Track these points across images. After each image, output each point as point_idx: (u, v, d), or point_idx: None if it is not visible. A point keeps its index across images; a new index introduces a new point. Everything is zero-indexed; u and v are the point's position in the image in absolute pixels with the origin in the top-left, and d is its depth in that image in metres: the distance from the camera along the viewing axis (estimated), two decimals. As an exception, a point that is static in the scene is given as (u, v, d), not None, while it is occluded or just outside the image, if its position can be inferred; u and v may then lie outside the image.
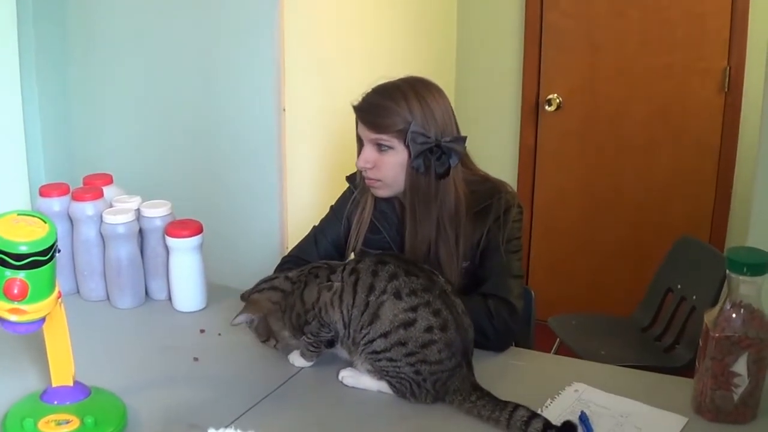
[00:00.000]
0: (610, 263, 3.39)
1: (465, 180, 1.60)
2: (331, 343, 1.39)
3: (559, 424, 1.17)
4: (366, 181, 1.59)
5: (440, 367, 1.28)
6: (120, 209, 1.66)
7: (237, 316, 1.43)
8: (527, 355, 1.53)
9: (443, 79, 3.39)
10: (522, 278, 1.59)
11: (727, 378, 1.24)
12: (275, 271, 1.69)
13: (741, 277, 1.22)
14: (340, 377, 1.38)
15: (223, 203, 2.26)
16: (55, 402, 1.21)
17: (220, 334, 1.58)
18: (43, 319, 1.11)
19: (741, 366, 1.23)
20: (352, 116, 1.58)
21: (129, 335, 1.59)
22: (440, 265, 1.55)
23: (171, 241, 1.63)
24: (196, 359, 1.47)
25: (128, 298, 1.68)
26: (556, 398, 1.33)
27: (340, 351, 1.40)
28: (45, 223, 1.06)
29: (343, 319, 1.34)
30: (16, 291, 1.03)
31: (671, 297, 2.55)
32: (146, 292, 1.72)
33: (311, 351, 1.42)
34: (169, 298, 1.70)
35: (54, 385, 1.23)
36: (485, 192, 1.61)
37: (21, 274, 1.03)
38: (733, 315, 1.24)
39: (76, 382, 1.24)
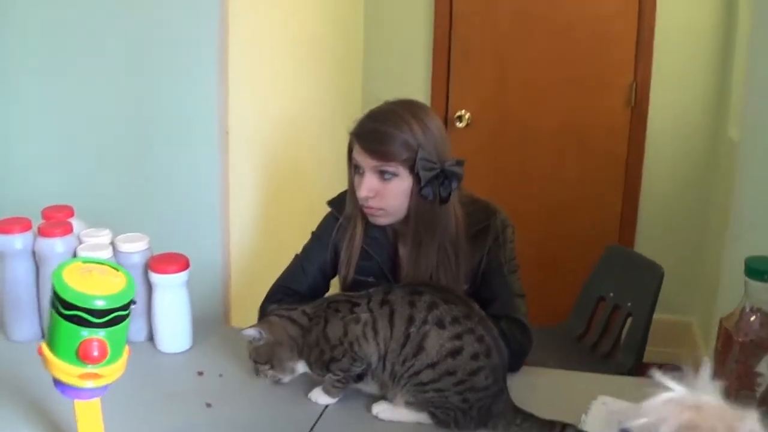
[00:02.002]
0: (525, 275, 3.53)
1: (460, 201, 1.63)
2: (360, 377, 1.37)
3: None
4: (366, 210, 1.58)
5: (486, 393, 1.30)
6: (94, 245, 1.55)
7: (249, 328, 1.39)
8: (541, 373, 1.57)
9: (351, 98, 3.42)
10: (525, 297, 1.64)
11: (751, 378, 1.35)
12: (264, 304, 1.65)
13: (760, 284, 1.33)
14: (374, 412, 1.37)
15: (163, 228, 2.15)
16: None
17: (221, 375, 1.51)
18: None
19: (763, 366, 1.34)
20: (290, 136, 1.57)
21: (124, 383, 1.44)
22: None
23: (157, 278, 1.54)
24: (209, 405, 1.40)
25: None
26: (588, 413, 1.39)
27: (367, 385, 1.39)
28: (118, 271, 0.97)
29: (379, 352, 1.33)
30: (96, 353, 0.92)
31: (603, 305, 2.69)
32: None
33: (337, 387, 1.39)
34: (150, 339, 1.61)
35: None
36: (479, 213, 1.64)
37: (101, 333, 0.94)
38: (752, 319, 1.35)
39: None
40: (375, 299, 1.36)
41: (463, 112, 3.45)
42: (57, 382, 0.98)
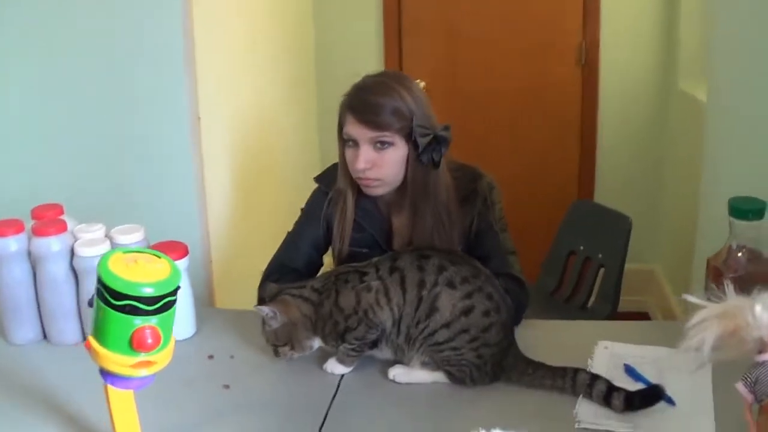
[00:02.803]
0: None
1: (447, 167, 1.68)
2: (374, 344, 1.41)
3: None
4: (363, 182, 1.61)
5: (498, 348, 1.36)
6: (91, 240, 1.54)
7: (262, 306, 1.41)
8: (539, 325, 1.63)
9: (304, 72, 3.43)
10: (517, 254, 1.70)
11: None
12: (261, 283, 1.67)
13: (745, 222, 1.42)
14: (390, 376, 1.41)
15: (142, 217, 2.14)
16: None
17: (232, 357, 1.54)
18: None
19: (753, 300, 1.43)
20: (257, 120, 1.59)
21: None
22: None
23: (158, 267, 1.54)
24: (227, 387, 1.42)
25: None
26: (592, 358, 1.46)
27: (381, 351, 1.43)
28: (160, 258, 0.98)
29: (393, 317, 1.37)
30: (150, 340, 0.94)
31: (574, 259, 2.78)
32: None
33: (352, 356, 1.43)
34: (154, 329, 1.61)
35: None
36: (466, 177, 1.70)
37: (153, 320, 0.95)
38: (740, 255, 1.43)
39: None
40: (383, 267, 1.39)
41: (418, 81, 3.48)
42: (107, 374, 0.99)
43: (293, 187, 3.24)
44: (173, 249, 1.56)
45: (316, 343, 1.45)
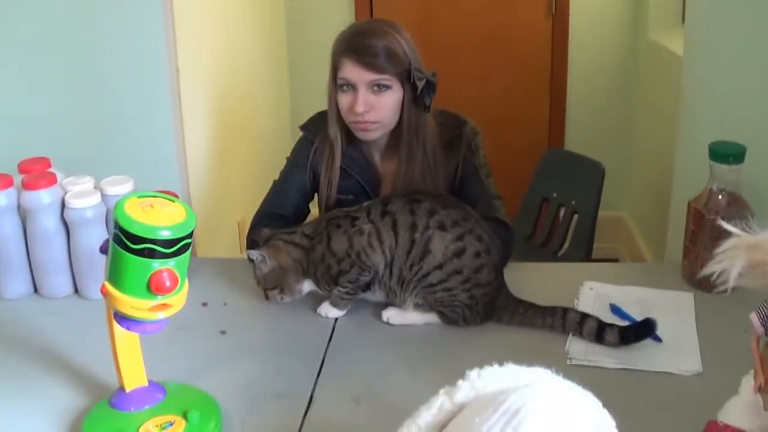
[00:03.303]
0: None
1: (431, 113, 1.70)
2: (367, 287, 1.45)
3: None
4: (360, 125, 1.63)
5: (490, 288, 1.41)
6: (82, 191, 1.54)
7: (253, 251, 1.44)
8: (525, 267, 1.69)
9: (275, 26, 3.41)
10: (502, 199, 1.74)
11: (723, 253, 1.50)
12: (250, 231, 1.69)
13: (725, 166, 1.47)
14: (384, 318, 1.45)
15: (123, 169, 2.14)
16: (132, 408, 1.13)
17: (225, 304, 1.56)
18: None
19: (732, 241, 1.49)
20: (233, 76, 1.58)
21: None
22: None
23: (149, 218, 1.55)
24: (223, 332, 1.45)
25: (105, 287, 1.58)
26: (579, 298, 1.51)
27: (374, 294, 1.47)
28: (173, 202, 1.00)
29: (385, 260, 1.41)
30: (168, 283, 0.95)
31: (547, 206, 2.84)
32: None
33: (345, 299, 1.46)
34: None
35: (128, 388, 1.15)
36: (450, 123, 1.73)
37: (171, 263, 0.96)
38: (720, 197, 1.49)
39: (150, 381, 1.17)
40: (375, 211, 1.42)
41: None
42: (122, 318, 1.01)
43: (267, 140, 3.25)
44: (164, 199, 1.57)
45: (306, 287, 1.48)
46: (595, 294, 1.53)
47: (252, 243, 1.61)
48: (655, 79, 3.18)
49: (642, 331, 1.32)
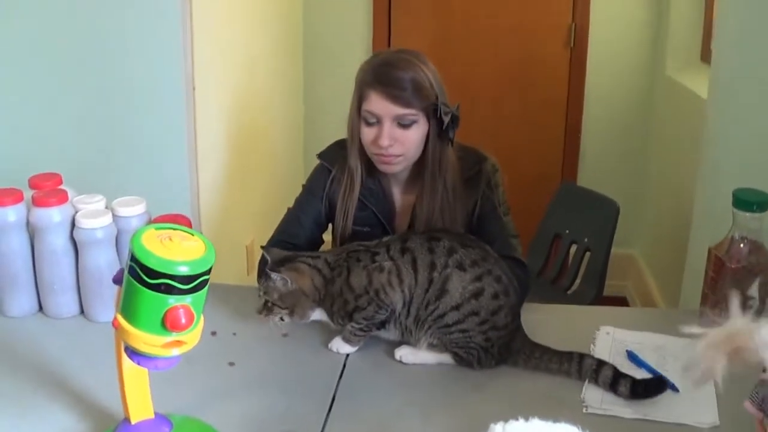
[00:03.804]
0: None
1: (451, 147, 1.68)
2: (382, 325, 1.42)
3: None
4: (383, 158, 1.61)
5: (506, 331, 1.38)
6: (93, 211, 1.52)
7: (275, 273, 1.40)
8: (539, 308, 1.66)
9: (291, 48, 3.41)
10: (519, 237, 1.72)
11: (743, 302, 1.47)
12: (261, 262, 1.66)
13: (748, 214, 1.45)
14: (397, 357, 1.42)
15: (134, 188, 2.13)
16: None
17: (235, 334, 1.53)
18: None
19: (754, 290, 1.47)
20: (250, 93, 1.57)
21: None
22: None
23: (160, 241, 1.52)
24: (231, 364, 1.42)
25: (112, 310, 1.55)
26: (595, 343, 1.48)
27: (388, 332, 1.44)
28: (192, 235, 0.97)
29: (404, 299, 1.38)
30: (184, 320, 0.93)
31: (559, 242, 2.82)
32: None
33: (358, 335, 1.44)
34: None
35: (134, 420, 1.12)
36: (470, 158, 1.71)
37: (187, 300, 0.94)
38: (742, 246, 1.46)
39: (156, 414, 1.15)
40: (394, 247, 1.40)
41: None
42: (133, 353, 0.98)
43: (279, 162, 3.24)
44: (176, 222, 1.53)
45: (316, 314, 1.45)
46: (612, 339, 1.50)
47: (262, 270, 1.58)
48: (672, 117, 3.17)
49: (653, 387, 1.30)
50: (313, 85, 3.57)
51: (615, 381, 1.30)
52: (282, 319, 1.43)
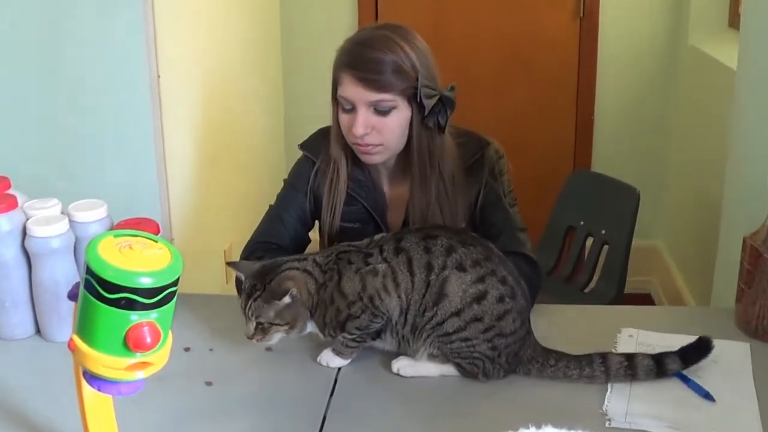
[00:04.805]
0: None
1: (449, 132, 1.67)
2: (377, 335, 1.41)
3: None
4: (361, 149, 1.60)
5: (514, 338, 1.36)
6: (47, 218, 1.50)
7: (283, 289, 1.35)
8: (550, 310, 1.64)
9: (268, 27, 3.39)
10: (527, 231, 1.71)
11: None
12: (238, 281, 1.64)
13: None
14: (395, 369, 1.41)
15: (98, 189, 2.11)
16: None
17: (211, 350, 1.52)
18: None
19: (796, 284, 1.45)
20: (229, 82, 1.56)
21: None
22: None
23: (124, 249, 1.51)
24: (209, 384, 1.40)
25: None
26: (616, 347, 1.47)
27: (384, 342, 1.43)
28: (156, 242, 0.95)
29: (401, 306, 1.37)
30: (149, 339, 0.91)
31: (573, 235, 2.80)
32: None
33: (351, 347, 1.42)
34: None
35: None
36: (471, 144, 1.69)
37: (152, 315, 0.92)
38: (780, 236, 1.45)
39: None
40: (388, 247, 1.38)
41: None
42: (93, 378, 0.96)
43: (259, 157, 3.22)
44: (142, 227, 1.52)
45: (309, 326, 1.43)
46: (636, 342, 1.49)
47: (237, 280, 1.56)
48: (697, 91, 3.15)
49: (703, 348, 1.33)
50: (293, 74, 3.55)
51: (660, 363, 1.32)
52: (272, 339, 1.40)
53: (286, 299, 1.36)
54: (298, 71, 3.54)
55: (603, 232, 2.68)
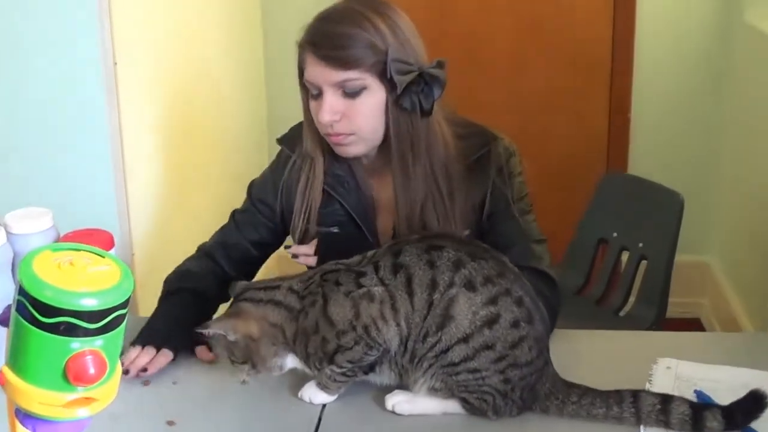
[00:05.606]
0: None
1: (446, 120, 1.68)
2: (371, 368, 1.42)
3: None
4: (333, 139, 1.62)
5: (530, 370, 1.37)
6: (-22, 230, 1.52)
7: (215, 324, 1.41)
8: (574, 336, 1.65)
9: (251, 30, 3.42)
10: (546, 242, 1.71)
11: None
12: (181, 266, 1.79)
13: None
14: (389, 406, 1.42)
15: (47, 198, 2.13)
16: None
17: (175, 383, 1.54)
18: None
19: None
20: (199, 71, 1.58)
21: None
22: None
23: (72, 265, 1.52)
24: (171, 423, 1.42)
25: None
26: (652, 380, 1.48)
27: (379, 375, 1.44)
28: (103, 257, 0.96)
29: (401, 335, 1.37)
30: (93, 370, 0.91)
31: (606, 249, 2.81)
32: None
33: (339, 382, 1.43)
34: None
35: None
36: (476, 137, 1.70)
37: (97, 343, 0.91)
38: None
39: None
40: (384, 264, 1.39)
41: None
42: (27, 417, 0.96)
43: (238, 158, 3.23)
44: (94, 240, 1.54)
45: (290, 362, 1.44)
46: (674, 376, 1.50)
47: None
48: (754, 78, 3.15)
49: (753, 406, 1.30)
50: (276, 67, 3.56)
51: (698, 416, 1.31)
52: (246, 377, 1.44)
53: (230, 336, 1.40)
54: (282, 59, 3.54)
55: (640, 245, 2.69)
